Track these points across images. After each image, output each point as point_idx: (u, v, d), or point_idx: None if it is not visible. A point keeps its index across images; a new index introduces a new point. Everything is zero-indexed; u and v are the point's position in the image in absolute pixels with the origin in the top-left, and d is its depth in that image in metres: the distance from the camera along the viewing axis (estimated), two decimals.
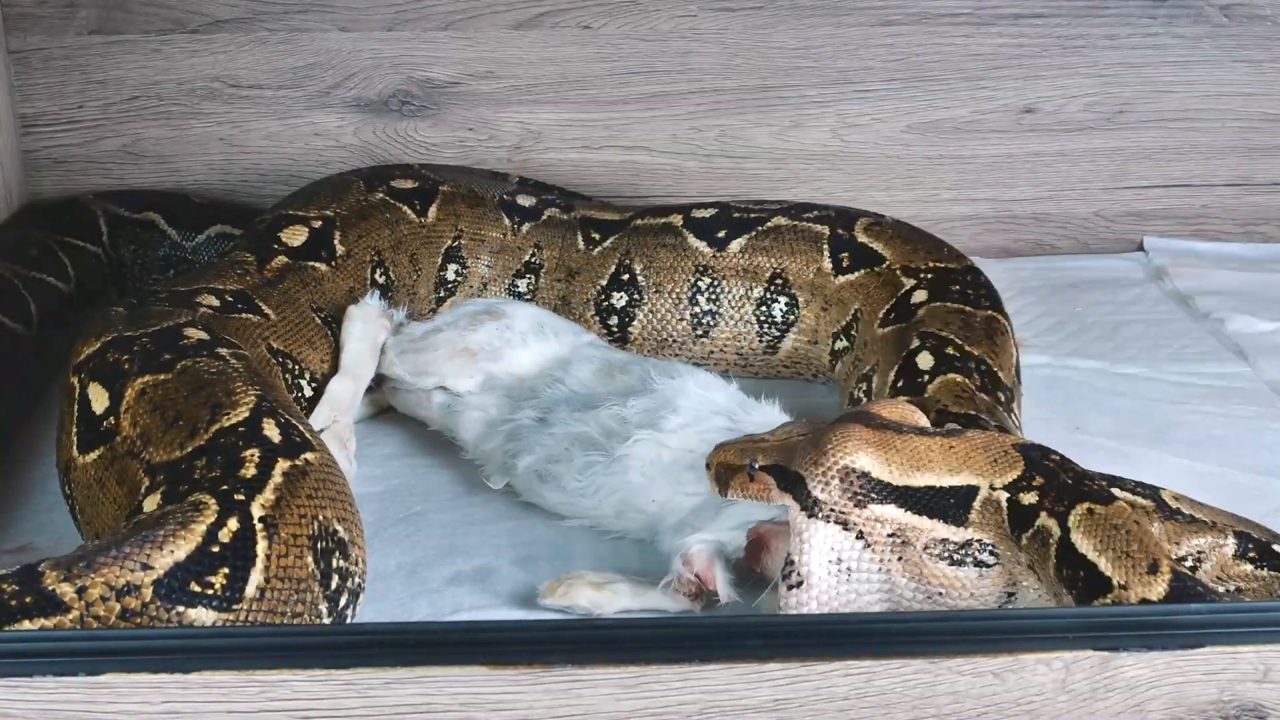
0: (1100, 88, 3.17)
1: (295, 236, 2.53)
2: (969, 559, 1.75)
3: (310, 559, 1.72)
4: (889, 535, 1.74)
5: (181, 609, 1.57)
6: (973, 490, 1.74)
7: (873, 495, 1.74)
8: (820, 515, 1.74)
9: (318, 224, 2.58)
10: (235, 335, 2.17)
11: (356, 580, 1.83)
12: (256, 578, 1.64)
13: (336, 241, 2.58)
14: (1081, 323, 2.93)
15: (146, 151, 3.09)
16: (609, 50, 3.08)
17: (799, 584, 1.74)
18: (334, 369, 2.40)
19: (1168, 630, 1.41)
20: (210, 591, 1.59)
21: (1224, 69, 3.17)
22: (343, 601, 1.79)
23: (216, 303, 2.27)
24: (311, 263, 2.51)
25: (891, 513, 1.74)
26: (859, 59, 3.12)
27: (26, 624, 1.47)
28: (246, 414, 1.84)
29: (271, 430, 1.83)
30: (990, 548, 1.74)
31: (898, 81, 3.14)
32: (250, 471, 1.74)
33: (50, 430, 2.48)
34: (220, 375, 1.94)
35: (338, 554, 1.78)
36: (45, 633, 1.48)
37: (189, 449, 1.80)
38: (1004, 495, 1.73)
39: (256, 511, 1.68)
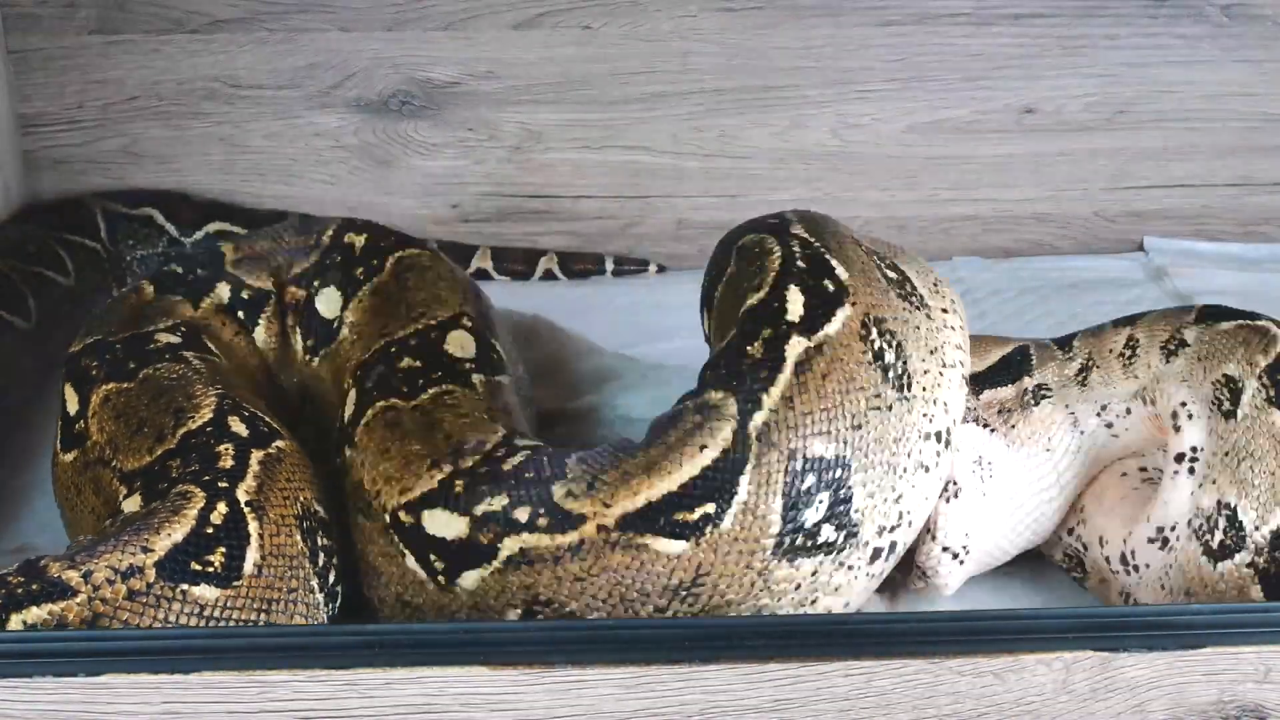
0: (1100, 88, 3.17)
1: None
2: (1042, 397, 2.04)
3: (299, 536, 1.76)
4: (998, 413, 2.02)
5: (186, 586, 1.60)
6: (1025, 347, 2.09)
7: (975, 387, 2.02)
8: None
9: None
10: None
11: (339, 557, 1.87)
12: (253, 555, 1.68)
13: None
14: (1082, 323, 2.91)
15: (146, 151, 3.09)
16: (609, 50, 3.08)
17: (955, 495, 1.93)
18: None
19: (1168, 631, 1.41)
20: (210, 570, 1.63)
21: (1224, 69, 3.16)
22: (331, 577, 1.83)
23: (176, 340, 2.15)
24: None
25: (988, 396, 2.03)
26: (859, 59, 3.11)
27: (35, 610, 1.50)
28: (210, 414, 1.87)
29: (239, 426, 1.86)
30: (1047, 387, 2.05)
31: (898, 81, 3.14)
32: (228, 463, 1.78)
33: (48, 429, 2.49)
34: (180, 379, 1.96)
35: (321, 532, 1.82)
36: (44, 633, 1.48)
37: (159, 452, 1.83)
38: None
39: (242, 496, 1.73)
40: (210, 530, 1.66)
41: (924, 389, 1.85)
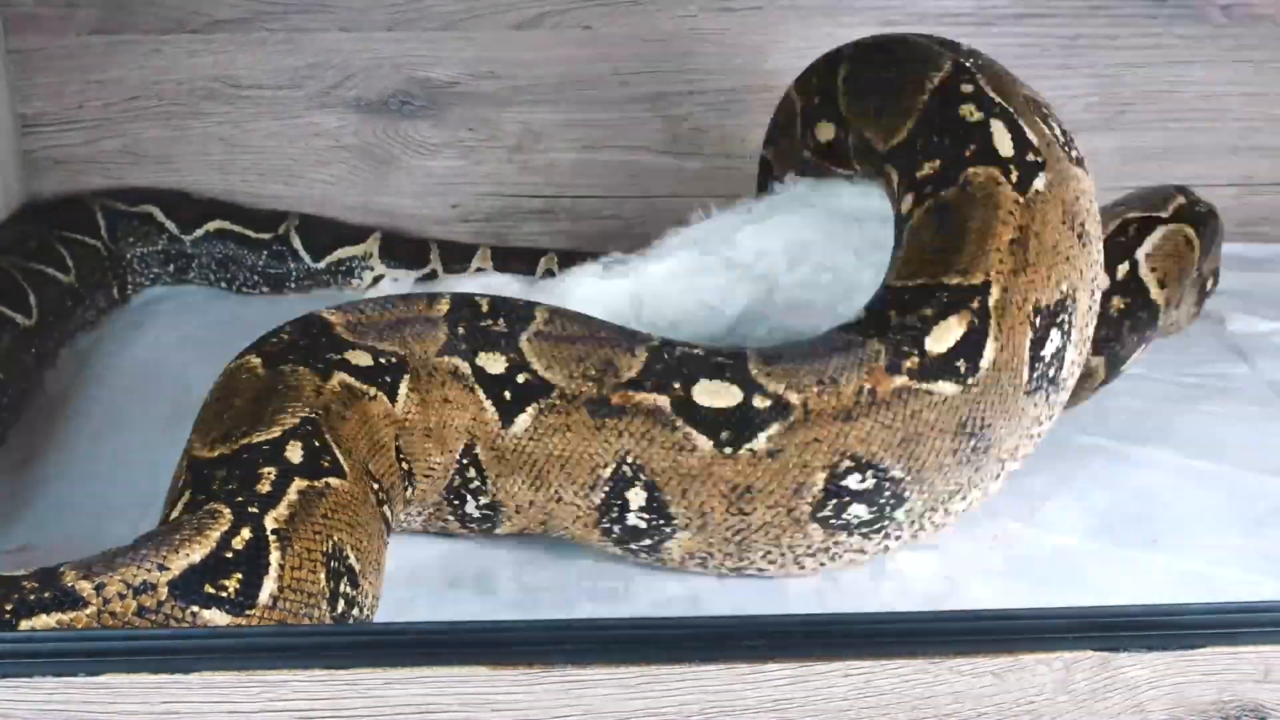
0: (1101, 88, 3.17)
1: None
2: None
3: (322, 575, 1.73)
4: None
5: (196, 609, 1.59)
6: None
7: None
8: None
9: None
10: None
11: (365, 613, 1.84)
12: (270, 585, 1.66)
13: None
14: None
15: (146, 151, 3.10)
16: (609, 50, 3.08)
17: None
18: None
19: (1168, 630, 1.41)
20: (224, 595, 1.62)
21: (1224, 69, 3.16)
22: None
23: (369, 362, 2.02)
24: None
25: None
26: None
27: (44, 618, 1.51)
28: (278, 433, 1.84)
29: (294, 452, 1.82)
30: None
31: None
32: (265, 488, 1.75)
33: (48, 427, 2.49)
34: (286, 390, 1.92)
35: (346, 579, 1.78)
36: (44, 633, 1.48)
37: (217, 453, 1.81)
38: None
39: (269, 524, 1.70)
40: (230, 555, 1.64)
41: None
